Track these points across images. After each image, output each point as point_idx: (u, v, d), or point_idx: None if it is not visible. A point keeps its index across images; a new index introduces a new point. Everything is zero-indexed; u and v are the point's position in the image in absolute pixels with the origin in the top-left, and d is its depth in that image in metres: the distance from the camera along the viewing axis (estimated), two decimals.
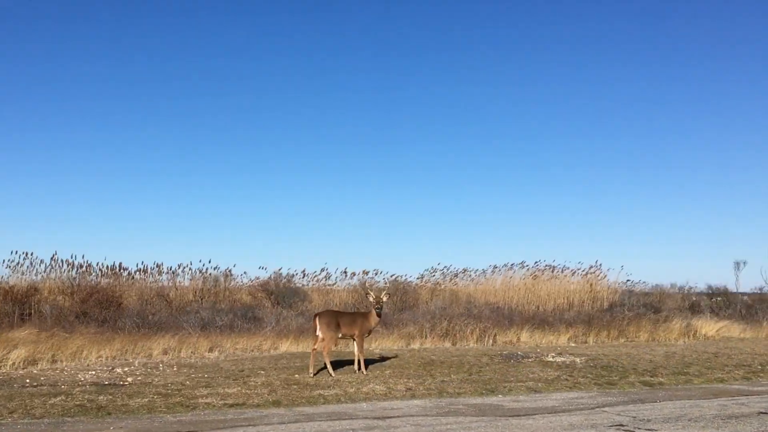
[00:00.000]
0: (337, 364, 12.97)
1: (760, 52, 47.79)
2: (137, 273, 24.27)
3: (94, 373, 12.05)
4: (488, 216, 46.42)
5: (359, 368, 12.04)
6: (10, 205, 38.91)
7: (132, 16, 43.68)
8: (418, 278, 28.51)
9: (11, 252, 22.58)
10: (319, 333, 11.71)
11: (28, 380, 11.08)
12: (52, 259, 22.84)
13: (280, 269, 26.24)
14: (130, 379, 11.25)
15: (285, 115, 47.08)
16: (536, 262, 28.72)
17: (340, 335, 11.89)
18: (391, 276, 27.41)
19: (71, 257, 23.26)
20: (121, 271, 24.07)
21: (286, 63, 47.60)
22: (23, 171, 40.03)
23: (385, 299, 12.26)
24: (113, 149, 42.85)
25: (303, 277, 26.68)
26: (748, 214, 46.76)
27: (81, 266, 23.16)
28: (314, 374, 11.66)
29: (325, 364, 11.74)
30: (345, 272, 26.98)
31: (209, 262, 26.06)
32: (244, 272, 27.78)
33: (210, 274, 24.72)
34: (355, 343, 12.16)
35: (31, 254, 22.62)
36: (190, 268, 24.81)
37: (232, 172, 45.24)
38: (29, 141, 40.96)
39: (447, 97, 49.20)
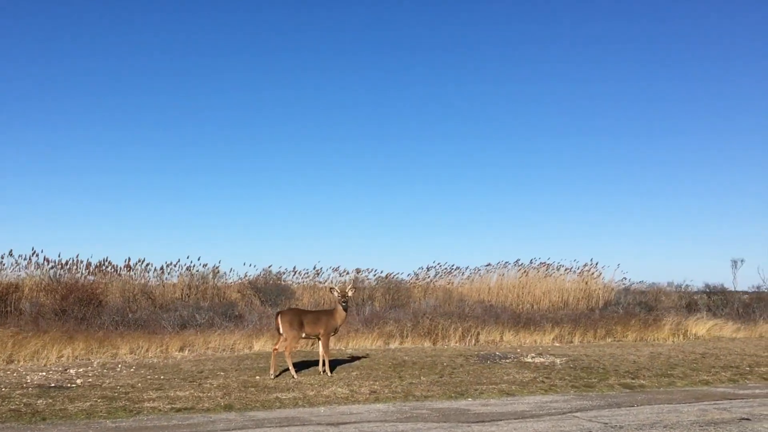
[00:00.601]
0: (304, 365, 12.54)
1: (758, 50, 47.37)
2: (123, 270, 23.76)
3: (44, 374, 11.56)
4: (484, 214, 45.98)
5: (324, 369, 11.57)
6: None
7: (121, 11, 42.93)
8: (411, 276, 28.20)
9: None
10: (281, 332, 11.25)
11: None
12: (33, 254, 22.42)
13: (270, 266, 25.80)
14: (79, 381, 10.77)
15: (276, 112, 46.56)
16: (531, 260, 28.42)
17: (303, 335, 11.42)
18: (384, 274, 27.10)
19: (58, 256, 22.90)
20: (107, 267, 23.58)
21: (274, 60, 47.01)
22: (8, 169, 39.40)
23: (350, 294, 11.82)
24: (101, 146, 42.21)
25: (294, 275, 26.22)
26: (745, 212, 46.40)
27: (65, 263, 22.74)
28: (276, 376, 11.20)
29: (291, 364, 11.29)
30: (337, 270, 26.56)
31: (198, 259, 25.74)
32: (231, 269, 27.55)
33: (198, 272, 24.31)
34: (320, 342, 11.69)
35: (11, 252, 22.20)
36: (178, 266, 24.39)
37: (223, 169, 44.70)
38: (20, 139, 40.28)
39: (441, 94, 48.73)
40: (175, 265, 24.33)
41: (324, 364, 11.59)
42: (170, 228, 40.18)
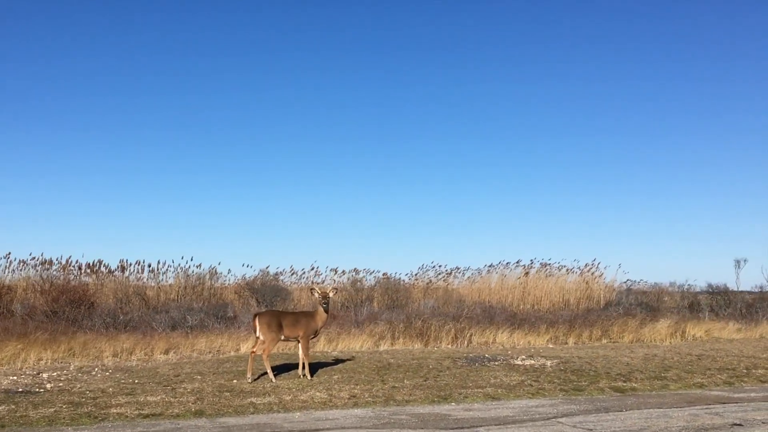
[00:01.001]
0: (285, 368, 12.27)
1: (759, 50, 47.05)
2: (117, 271, 23.55)
3: (15, 378, 11.28)
4: (484, 214, 45.78)
5: (303, 373, 11.28)
6: None
7: (120, 11, 42.60)
8: (411, 277, 28.23)
9: None
10: (258, 335, 10.96)
11: None
12: (30, 258, 22.37)
13: (267, 267, 25.61)
14: (49, 386, 10.49)
15: (276, 112, 46.30)
16: (532, 261, 28.25)
17: (282, 337, 11.14)
18: (383, 274, 26.89)
19: (54, 258, 22.84)
20: (101, 268, 23.37)
21: (273, 60, 46.76)
22: (5, 170, 39.19)
23: (332, 295, 11.51)
24: (98, 147, 41.98)
25: (291, 275, 25.99)
26: (749, 212, 46.07)
27: (59, 264, 22.58)
28: (254, 379, 10.91)
29: (269, 367, 11.02)
30: (335, 270, 26.34)
31: (191, 259, 25.57)
32: (229, 270, 27.45)
33: (193, 272, 24.13)
34: (299, 345, 11.40)
35: (9, 255, 22.14)
36: (174, 267, 24.23)
37: (221, 168, 44.45)
38: (16, 140, 40.00)
39: (440, 94, 48.49)
40: (170, 266, 24.20)
41: (303, 368, 11.31)
42: (168, 229, 40.05)
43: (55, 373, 11.90)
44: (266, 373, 11.06)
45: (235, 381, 10.99)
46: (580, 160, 47.50)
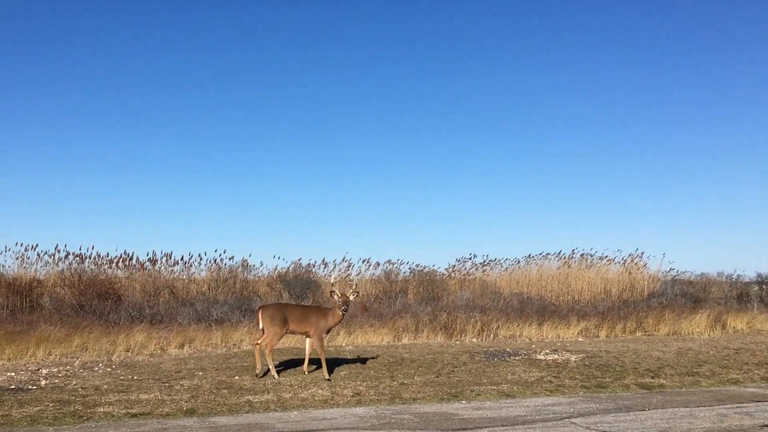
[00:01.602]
0: (293, 364, 11.91)
1: None
2: (148, 264, 23.52)
3: (13, 374, 11.09)
4: (524, 205, 44.70)
5: (308, 369, 10.92)
6: (18, 198, 38.48)
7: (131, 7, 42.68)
8: (447, 269, 27.77)
9: (16, 244, 22.00)
10: (262, 327, 10.63)
11: None
12: (56, 250, 22.31)
13: (299, 259, 25.34)
14: (44, 383, 10.27)
15: (307, 101, 45.70)
16: (573, 251, 27.66)
17: (287, 331, 10.77)
18: (418, 266, 26.50)
19: (80, 249, 22.72)
20: (130, 261, 23.37)
21: (291, 55, 46.31)
22: (34, 164, 39.60)
23: (352, 298, 10.94)
24: (126, 141, 42.07)
25: (324, 267, 25.69)
26: None
27: (87, 257, 22.58)
28: (263, 373, 10.62)
29: (271, 363, 10.68)
30: (368, 262, 25.98)
31: (224, 252, 25.49)
32: (261, 262, 27.26)
33: (226, 265, 23.99)
34: (307, 341, 11.01)
35: (36, 246, 22.06)
36: (205, 259, 24.14)
37: (252, 160, 44.15)
38: (43, 135, 40.39)
39: (476, 85, 47.33)
40: (203, 259, 24.12)
41: (318, 365, 10.87)
42: (200, 222, 39.98)
43: (55, 369, 11.71)
44: (278, 367, 10.73)
45: (236, 377, 10.67)
46: (623, 148, 46.27)
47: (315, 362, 11.18)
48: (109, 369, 11.81)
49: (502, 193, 45.59)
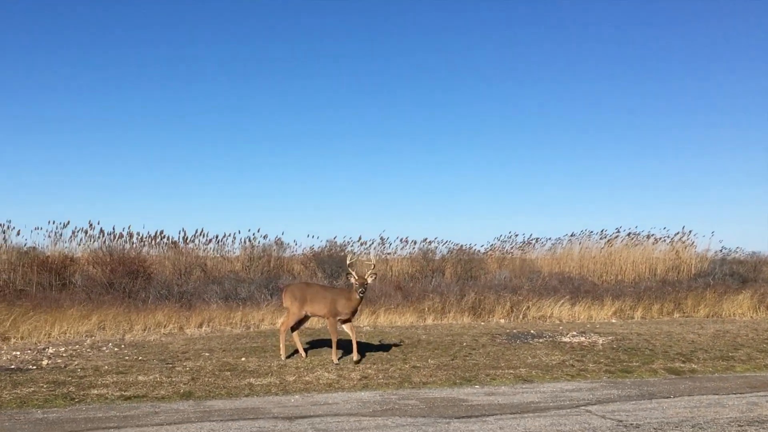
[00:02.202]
0: (313, 346, 11.61)
1: None
2: (180, 242, 23.63)
3: (17, 354, 11.02)
4: (568, 183, 43.85)
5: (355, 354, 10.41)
6: (51, 174, 38.95)
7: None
8: (486, 248, 27.56)
9: (48, 222, 22.33)
10: (285, 306, 10.44)
11: None
12: (90, 227, 22.66)
13: (335, 237, 25.18)
14: (45, 363, 10.15)
15: (342, 80, 45.24)
16: (618, 229, 27.04)
17: (304, 313, 10.44)
18: (456, 244, 26.22)
19: (113, 229, 23.01)
20: (163, 240, 23.47)
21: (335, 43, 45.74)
22: (69, 142, 39.97)
23: (370, 281, 10.47)
24: (161, 118, 42.22)
25: (360, 246, 25.50)
26: None
27: (120, 235, 22.78)
28: (286, 357, 10.43)
29: (294, 342, 10.59)
30: (405, 240, 25.71)
31: (258, 231, 25.51)
32: (294, 241, 27.29)
33: (259, 243, 24.02)
34: (344, 326, 10.57)
35: (68, 223, 22.46)
36: (237, 237, 24.30)
37: (286, 139, 43.96)
38: (77, 112, 40.76)
39: (519, 60, 46.31)
40: (236, 237, 24.14)
41: (354, 352, 10.45)
42: (235, 199, 40.02)
43: (62, 348, 11.62)
44: (297, 351, 10.51)
45: (243, 359, 10.44)
46: (668, 122, 44.95)
47: (342, 347, 10.81)
48: (116, 349, 11.69)
49: (546, 171, 44.71)
